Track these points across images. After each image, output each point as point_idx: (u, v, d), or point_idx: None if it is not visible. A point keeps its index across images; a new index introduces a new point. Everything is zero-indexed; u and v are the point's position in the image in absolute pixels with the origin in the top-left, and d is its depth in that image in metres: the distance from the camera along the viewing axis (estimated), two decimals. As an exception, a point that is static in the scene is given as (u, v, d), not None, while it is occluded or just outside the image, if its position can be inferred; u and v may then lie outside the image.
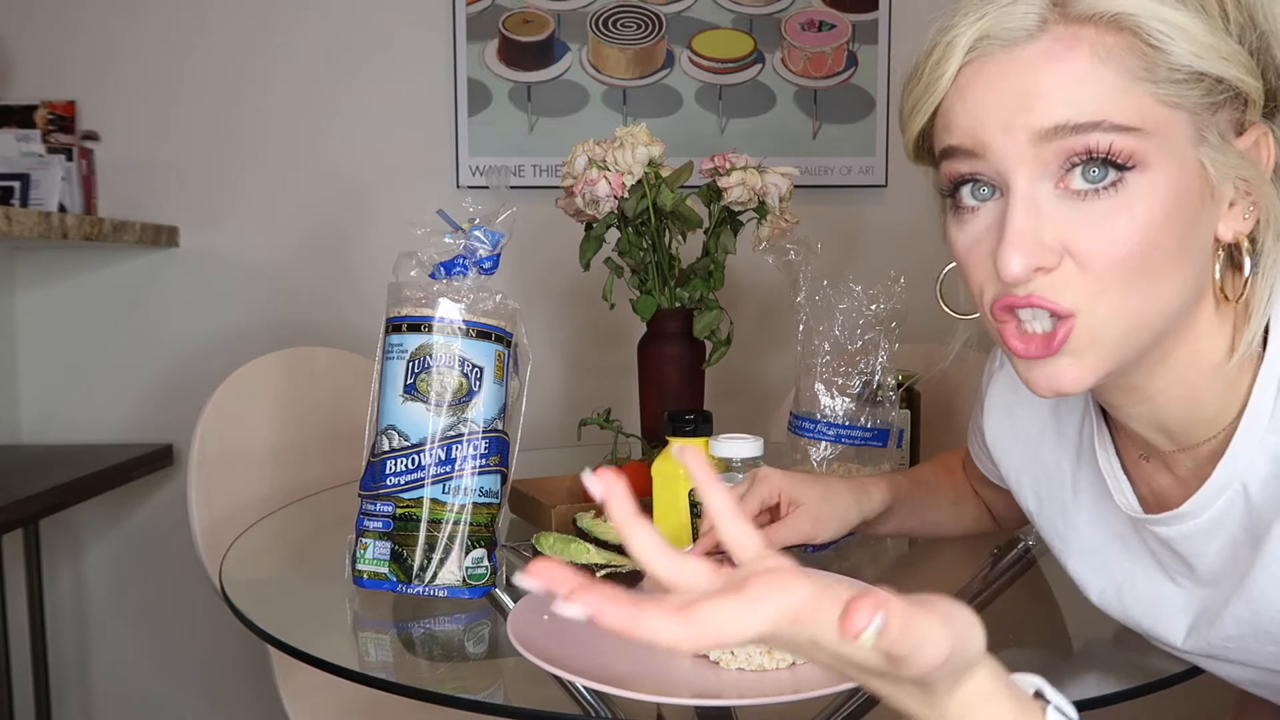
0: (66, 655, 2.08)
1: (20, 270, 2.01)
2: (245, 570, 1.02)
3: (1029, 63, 0.57)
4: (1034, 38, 0.58)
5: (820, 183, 1.99)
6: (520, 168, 1.99)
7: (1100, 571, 0.78)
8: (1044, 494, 0.82)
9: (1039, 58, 0.57)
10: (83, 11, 1.98)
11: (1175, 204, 0.57)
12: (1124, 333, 0.59)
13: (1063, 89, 0.57)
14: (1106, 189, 0.57)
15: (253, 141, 2.01)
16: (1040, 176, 0.58)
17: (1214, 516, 0.65)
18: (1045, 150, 0.57)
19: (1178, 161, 0.58)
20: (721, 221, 1.33)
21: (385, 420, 0.92)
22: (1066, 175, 0.58)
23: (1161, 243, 0.57)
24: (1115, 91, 0.56)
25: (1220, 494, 0.64)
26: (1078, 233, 0.58)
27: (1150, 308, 0.59)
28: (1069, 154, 0.57)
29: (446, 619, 0.89)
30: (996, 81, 0.59)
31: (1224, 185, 0.60)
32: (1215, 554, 0.67)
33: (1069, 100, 0.56)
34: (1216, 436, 0.65)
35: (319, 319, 2.02)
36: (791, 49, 1.98)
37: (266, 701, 1.38)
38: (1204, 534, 0.66)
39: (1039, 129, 0.57)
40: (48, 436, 2.03)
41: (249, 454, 1.44)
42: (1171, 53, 0.56)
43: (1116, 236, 0.57)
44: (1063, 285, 0.58)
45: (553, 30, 1.98)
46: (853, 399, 1.15)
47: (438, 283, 0.93)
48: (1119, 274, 0.57)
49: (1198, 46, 0.56)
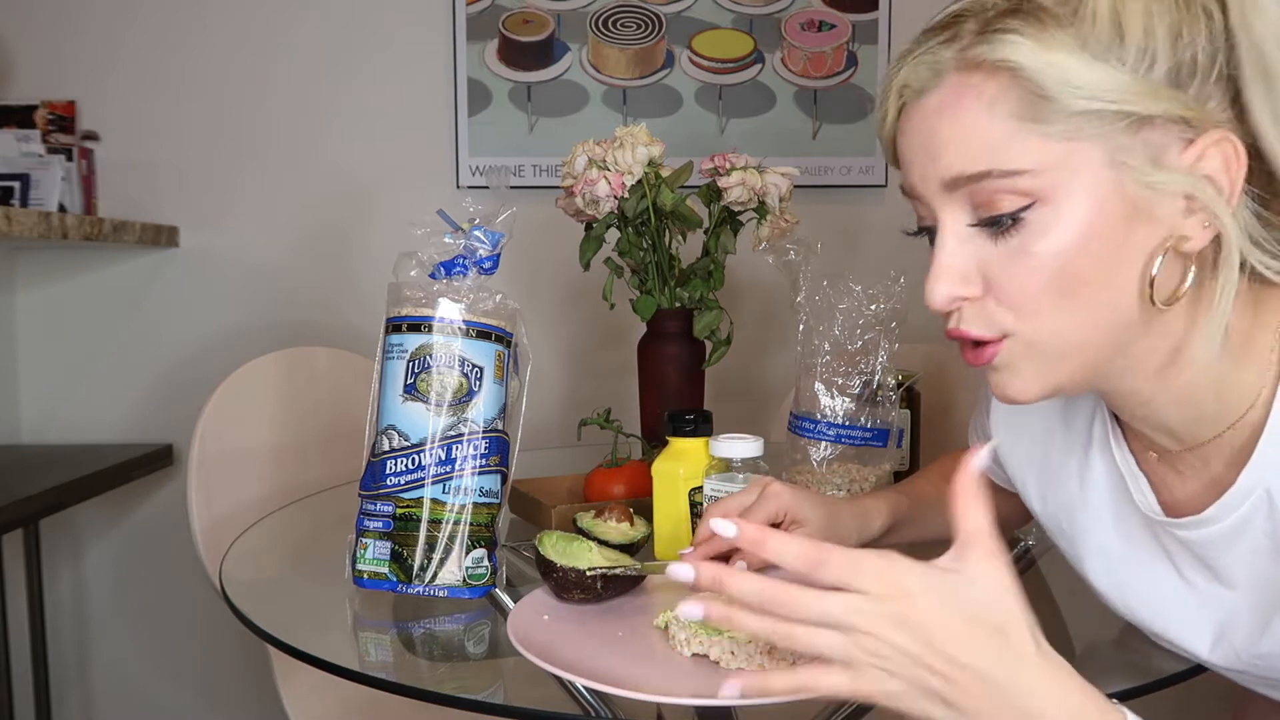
0: (66, 655, 2.08)
1: (20, 270, 2.01)
2: (245, 570, 1.02)
3: (932, 112, 0.62)
4: (935, 87, 0.61)
5: (820, 183, 1.99)
6: (520, 168, 1.99)
7: (1110, 570, 0.77)
8: (1050, 493, 0.82)
9: (938, 108, 0.61)
10: (83, 11, 1.98)
11: (1087, 230, 0.59)
12: (1060, 351, 0.62)
13: (954, 140, 0.60)
14: (1009, 229, 0.60)
15: (253, 141, 2.01)
16: (959, 215, 0.62)
17: (1236, 523, 0.65)
18: (955, 195, 0.62)
19: (1088, 188, 0.58)
20: (721, 221, 1.33)
21: (385, 420, 0.92)
22: (978, 216, 0.62)
23: (1076, 268, 0.59)
24: (1004, 139, 0.59)
25: (1244, 500, 0.64)
26: (992, 268, 0.62)
27: (1083, 326, 0.61)
28: (974, 199, 0.61)
29: (446, 619, 0.89)
30: (913, 133, 0.64)
31: (1160, 203, 0.59)
32: (1237, 558, 0.67)
33: (960, 151, 0.60)
34: (1223, 435, 0.65)
35: (319, 319, 2.02)
36: (791, 49, 1.98)
37: (266, 701, 1.38)
38: (1226, 539, 0.66)
39: (942, 179, 0.62)
40: (48, 436, 2.03)
41: (249, 454, 1.44)
42: (1059, 100, 0.57)
43: (1025, 270, 0.60)
44: (986, 315, 0.63)
45: (553, 30, 1.98)
46: (853, 399, 1.15)
47: (438, 283, 0.93)
48: (1034, 304, 0.61)
49: (1080, 88, 0.57)
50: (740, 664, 0.71)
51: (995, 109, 0.59)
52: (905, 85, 0.63)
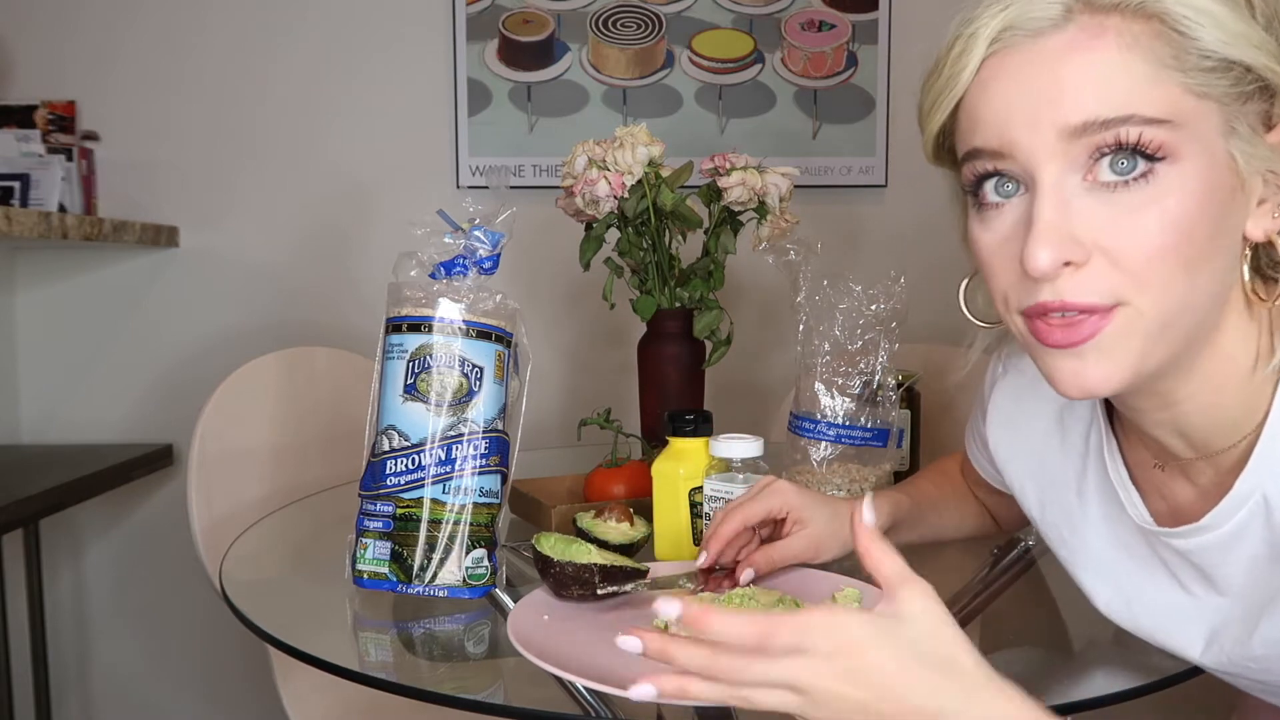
0: (66, 655, 2.08)
1: (20, 270, 2.01)
2: (245, 570, 1.02)
3: (1055, 54, 0.56)
4: (1059, 28, 0.57)
5: (820, 183, 1.99)
6: (520, 168, 1.99)
7: (1108, 581, 0.77)
8: (1048, 501, 0.81)
9: (1065, 49, 0.56)
10: (83, 11, 1.98)
11: (1206, 196, 0.56)
12: (1159, 329, 0.58)
13: (1091, 82, 0.55)
14: (1136, 180, 0.56)
15: (253, 141, 2.01)
16: (1068, 170, 0.57)
17: (1233, 529, 0.64)
18: (1074, 146, 0.56)
19: (1208, 153, 0.56)
20: (721, 221, 1.33)
21: (385, 420, 0.92)
22: (1094, 167, 0.56)
23: (1194, 235, 0.56)
24: (1144, 82, 0.55)
25: (1240, 506, 0.63)
26: (1108, 228, 0.56)
27: (1186, 303, 0.57)
28: (1098, 145, 0.56)
29: (446, 619, 0.89)
30: (1021, 74, 0.57)
31: (1253, 179, 0.58)
32: (1235, 565, 0.66)
33: (1097, 94, 0.55)
34: (1237, 445, 0.64)
35: (319, 319, 2.02)
36: (791, 49, 1.98)
37: (266, 702, 1.38)
38: (1223, 546, 0.65)
39: (1067, 125, 0.56)
40: (48, 436, 2.03)
41: (249, 454, 1.44)
42: (1200, 39, 0.55)
43: (1149, 230, 0.56)
44: (1094, 282, 0.57)
45: (553, 30, 1.98)
46: (853, 399, 1.15)
47: (438, 283, 0.93)
48: (1153, 268, 0.56)
49: (1226, 33, 0.55)
50: None
51: (1136, 51, 0.55)
52: (1008, 28, 0.58)
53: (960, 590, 0.96)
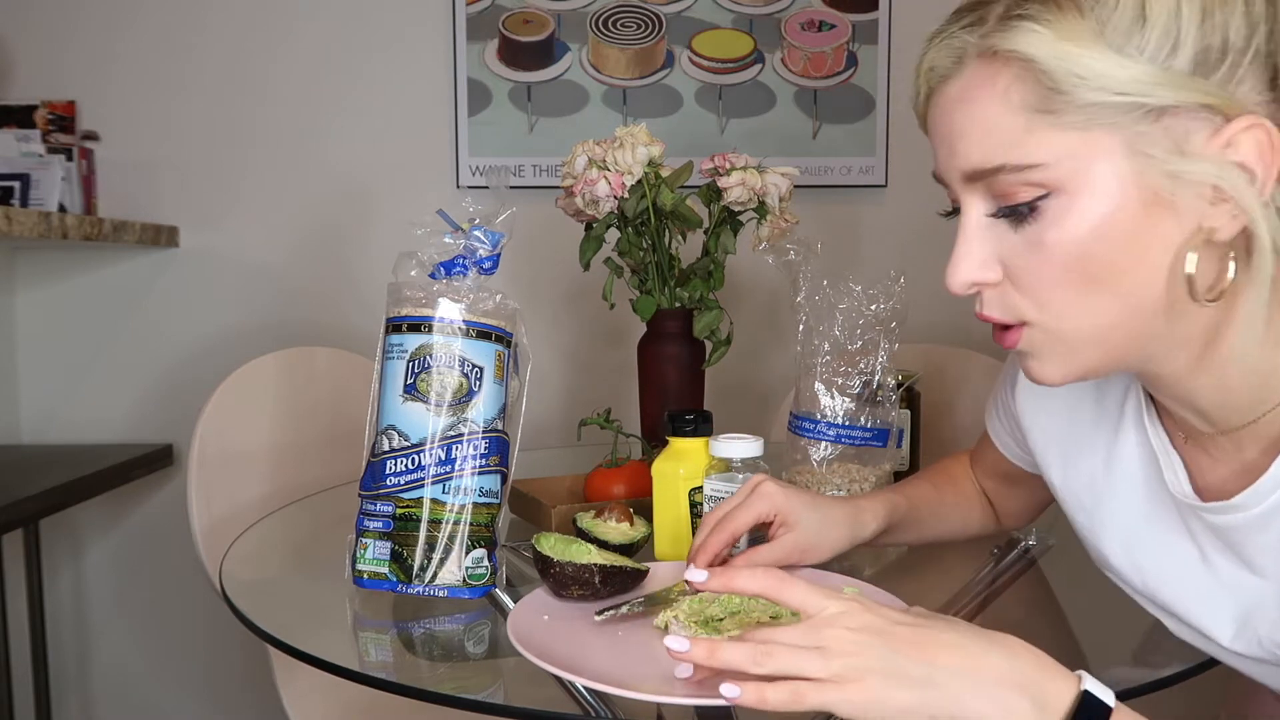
0: (66, 655, 2.08)
1: (20, 270, 2.01)
2: (245, 570, 1.02)
3: (951, 103, 0.62)
4: (957, 74, 0.62)
5: (820, 183, 1.99)
6: (520, 168, 1.99)
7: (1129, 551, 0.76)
8: (1071, 466, 0.81)
9: (957, 98, 0.62)
10: (83, 11, 1.98)
11: (1104, 220, 0.58)
12: (1080, 340, 0.63)
13: (972, 132, 0.61)
14: (1029, 218, 0.60)
15: (253, 141, 2.01)
16: (979, 204, 0.63)
17: (1266, 511, 0.64)
18: (974, 186, 0.63)
19: (1101, 179, 0.58)
20: (721, 221, 1.33)
21: (385, 420, 0.92)
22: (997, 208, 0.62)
23: (1095, 256, 0.59)
24: (1018, 133, 0.59)
25: (1276, 488, 0.63)
26: (1011, 257, 0.62)
27: (1103, 316, 0.61)
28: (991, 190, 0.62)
29: (446, 619, 0.89)
30: (936, 121, 0.65)
31: (1183, 193, 0.57)
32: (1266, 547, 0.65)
33: (978, 145, 0.61)
34: (1257, 421, 0.64)
35: (319, 319, 2.02)
36: (791, 49, 1.98)
37: (266, 702, 1.38)
38: (1256, 526, 0.65)
39: (961, 171, 0.63)
40: (48, 436, 2.03)
41: (249, 454, 1.44)
42: (1069, 93, 0.57)
43: (1042, 260, 0.61)
44: (1006, 301, 0.64)
45: (553, 30, 1.98)
46: (853, 399, 1.15)
47: (438, 283, 0.93)
48: (1051, 294, 0.61)
49: (1099, 83, 0.56)
50: None
51: (1009, 100, 0.59)
52: (931, 69, 0.64)
53: (960, 590, 0.96)
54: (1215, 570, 0.70)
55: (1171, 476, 0.71)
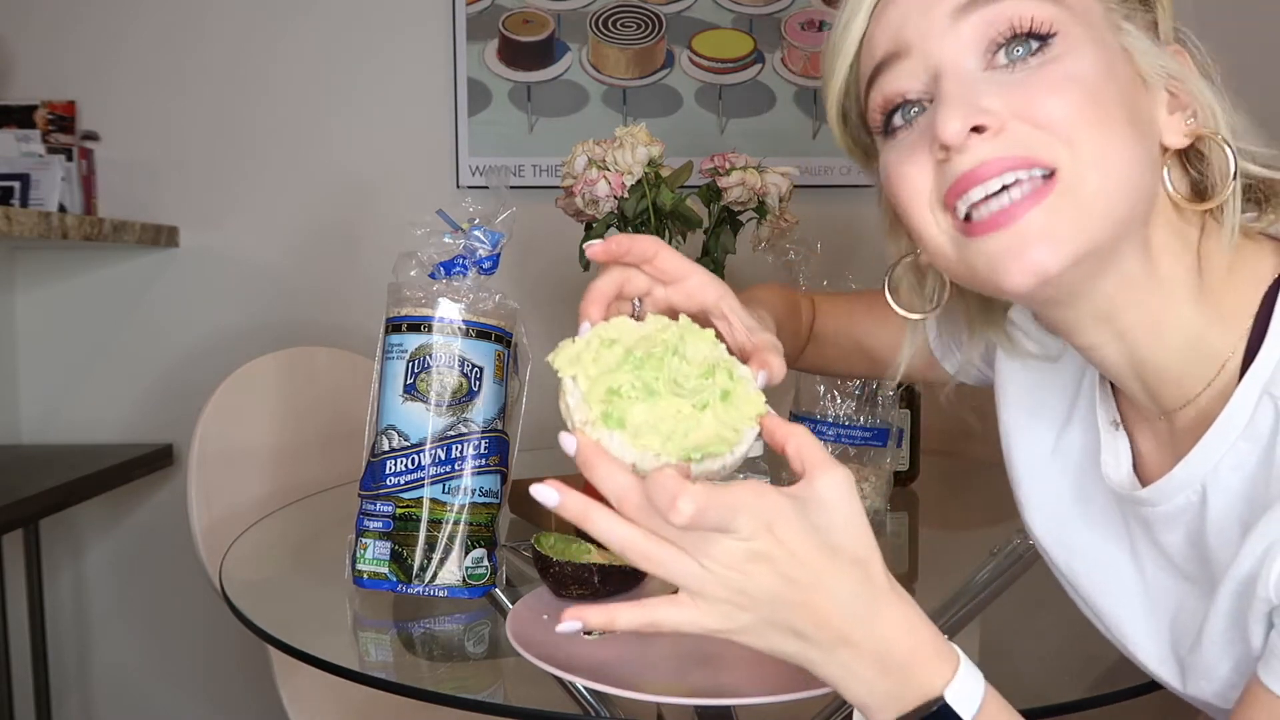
0: (66, 655, 2.08)
1: (20, 270, 2.01)
2: (245, 570, 1.02)
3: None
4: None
5: (820, 183, 1.99)
6: (520, 168, 1.99)
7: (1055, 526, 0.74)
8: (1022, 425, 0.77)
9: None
10: (83, 11, 1.98)
11: (1106, 69, 0.56)
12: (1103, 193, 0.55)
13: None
14: (1035, 54, 0.56)
15: (253, 141, 2.01)
16: (965, 53, 0.57)
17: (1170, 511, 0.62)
18: (965, 26, 0.57)
19: (1099, 39, 0.57)
20: (721, 221, 1.33)
21: (385, 420, 0.92)
22: (992, 57, 0.57)
23: (1101, 98, 0.55)
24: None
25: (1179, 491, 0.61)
26: (1015, 94, 0.55)
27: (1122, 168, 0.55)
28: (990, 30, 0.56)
29: (446, 619, 0.89)
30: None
31: (1156, 82, 0.58)
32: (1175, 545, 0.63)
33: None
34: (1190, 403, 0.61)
35: (319, 319, 2.02)
36: (791, 49, 1.98)
37: (266, 702, 1.38)
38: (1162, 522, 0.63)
39: (956, 5, 0.57)
40: (48, 436, 2.03)
41: (249, 454, 1.44)
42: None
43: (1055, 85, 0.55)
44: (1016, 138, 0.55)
45: (553, 30, 1.98)
46: (853, 399, 1.15)
47: (438, 283, 0.93)
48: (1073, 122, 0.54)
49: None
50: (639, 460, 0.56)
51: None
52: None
53: (960, 590, 0.96)
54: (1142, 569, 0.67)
55: (1110, 459, 0.68)
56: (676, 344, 0.57)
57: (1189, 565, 0.63)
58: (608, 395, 0.55)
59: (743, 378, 0.58)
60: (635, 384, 0.55)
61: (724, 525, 0.50)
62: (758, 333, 0.66)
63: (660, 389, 0.55)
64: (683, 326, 0.59)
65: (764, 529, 0.51)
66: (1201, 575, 0.62)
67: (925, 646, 0.54)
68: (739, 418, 0.56)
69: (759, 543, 0.51)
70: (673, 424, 0.54)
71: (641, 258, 0.69)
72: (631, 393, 0.55)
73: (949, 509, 1.41)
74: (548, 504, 0.53)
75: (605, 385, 0.55)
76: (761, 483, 0.52)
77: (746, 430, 0.56)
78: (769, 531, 0.51)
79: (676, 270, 0.69)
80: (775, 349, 0.65)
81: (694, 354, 0.57)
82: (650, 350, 0.57)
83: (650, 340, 0.58)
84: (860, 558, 0.53)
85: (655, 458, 0.54)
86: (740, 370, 0.58)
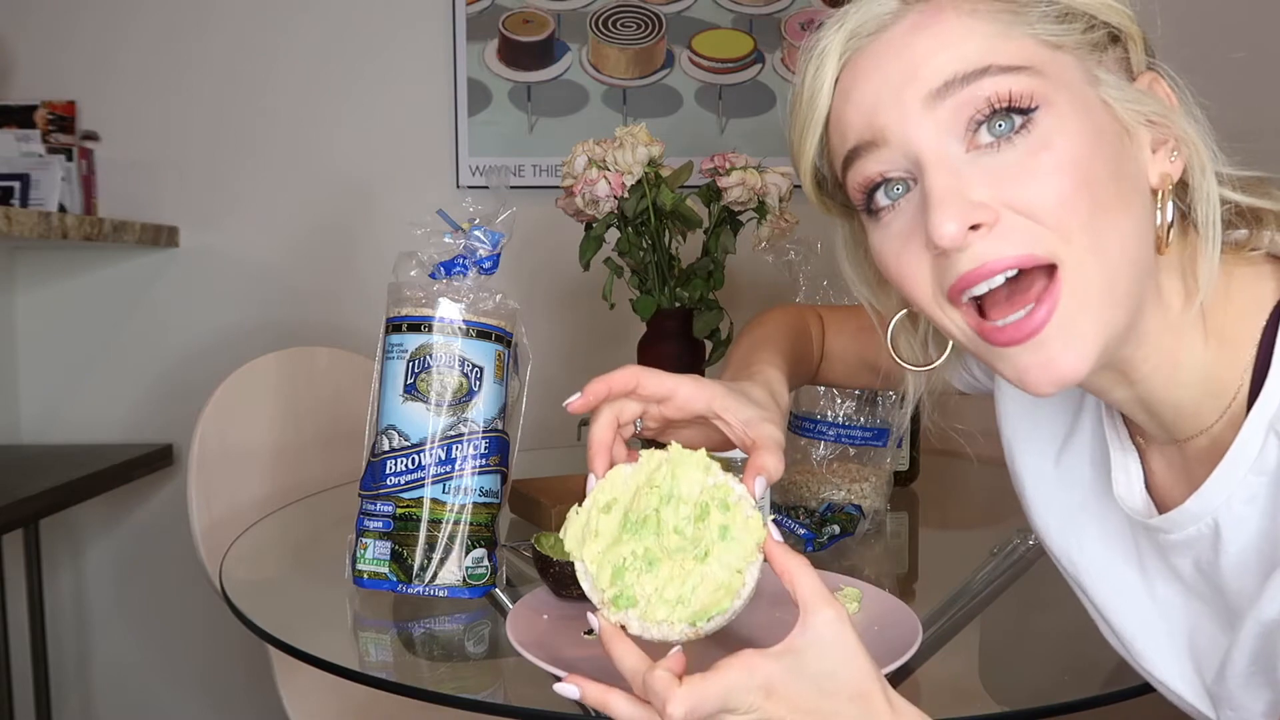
0: (66, 655, 2.08)
1: (20, 270, 2.01)
2: (245, 570, 1.02)
3: (900, 38, 0.56)
4: (898, 18, 0.57)
5: (820, 183, 1.99)
6: (520, 168, 1.99)
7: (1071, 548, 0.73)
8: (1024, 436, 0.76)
9: (908, 31, 0.56)
10: (83, 11, 1.98)
11: (1094, 137, 0.54)
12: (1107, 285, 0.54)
13: (941, 48, 0.55)
14: (1018, 133, 0.54)
15: (253, 141, 2.01)
16: (945, 137, 0.55)
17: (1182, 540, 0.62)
18: (942, 111, 0.55)
19: (1080, 99, 0.55)
20: (721, 221, 1.33)
21: (385, 420, 0.92)
22: (973, 137, 0.55)
23: (1094, 176, 0.53)
24: (995, 37, 0.55)
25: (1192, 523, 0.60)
26: (1005, 181, 0.54)
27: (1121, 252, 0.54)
28: (968, 111, 0.54)
29: (446, 619, 0.89)
30: (875, 67, 0.57)
31: (1137, 127, 0.57)
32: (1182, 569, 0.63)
33: (950, 56, 0.55)
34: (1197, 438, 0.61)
35: (319, 319, 2.02)
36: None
37: (266, 701, 1.38)
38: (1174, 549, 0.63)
39: (929, 90, 0.55)
40: (48, 436, 2.03)
41: (249, 454, 1.44)
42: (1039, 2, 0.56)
43: (1046, 172, 0.53)
44: (1012, 236, 0.54)
45: (553, 30, 1.98)
46: (853, 399, 1.15)
47: (438, 283, 0.93)
48: (1067, 213, 0.53)
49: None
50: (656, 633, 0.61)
51: (978, 16, 0.55)
52: (853, 36, 0.58)
53: (960, 590, 0.96)
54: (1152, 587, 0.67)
55: (1121, 477, 0.67)
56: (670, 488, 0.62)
57: (1199, 586, 0.63)
58: (614, 577, 0.61)
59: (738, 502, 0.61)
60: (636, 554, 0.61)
61: (724, 708, 0.55)
62: (755, 426, 0.68)
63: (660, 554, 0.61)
64: (673, 459, 0.63)
65: (762, 697, 0.55)
66: (1214, 599, 0.62)
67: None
68: (740, 555, 0.60)
69: (762, 712, 0.55)
70: (678, 589, 0.60)
71: (624, 391, 0.70)
72: (635, 564, 0.61)
73: (949, 509, 1.41)
74: (570, 697, 0.59)
75: (610, 566, 0.61)
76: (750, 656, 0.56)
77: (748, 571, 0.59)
78: (768, 698, 0.55)
79: (662, 390, 0.70)
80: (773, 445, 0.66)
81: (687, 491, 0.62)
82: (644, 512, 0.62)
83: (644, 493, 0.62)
84: (860, 692, 0.56)
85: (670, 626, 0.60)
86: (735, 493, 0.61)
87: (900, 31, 0.57)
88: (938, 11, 0.56)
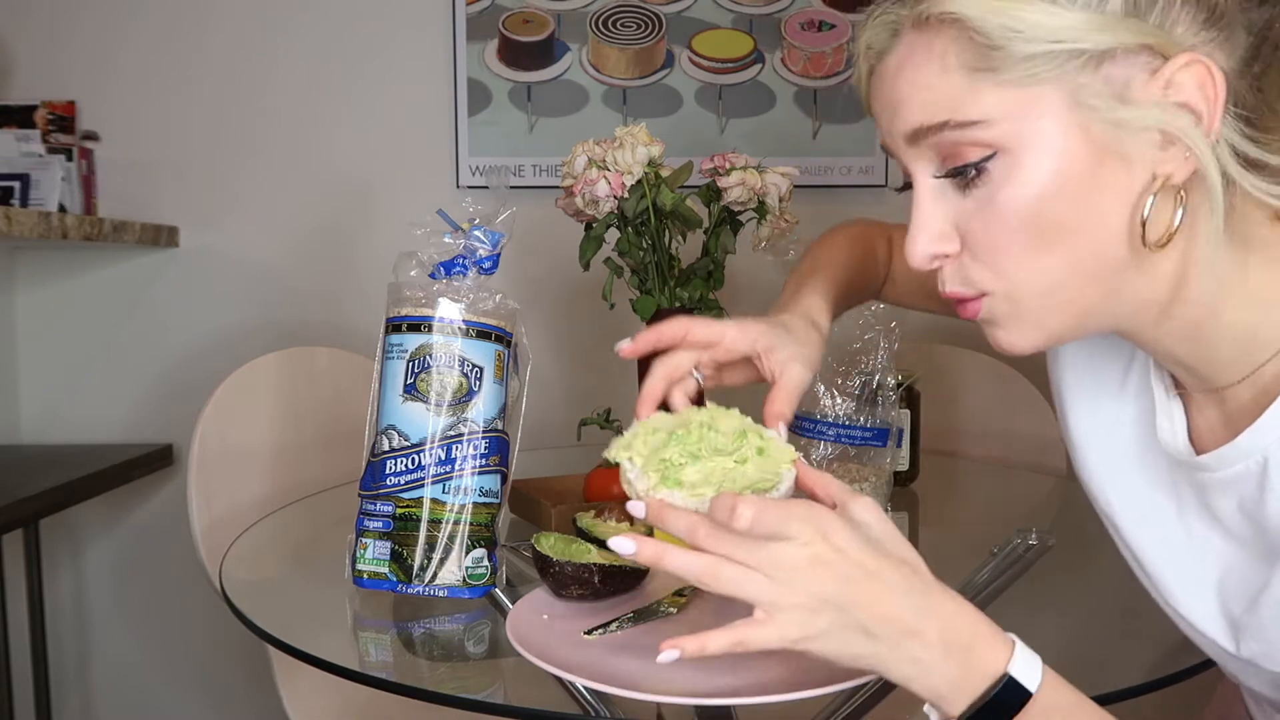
0: (66, 655, 2.08)
1: (20, 270, 2.01)
2: (245, 570, 1.02)
3: (892, 72, 0.62)
4: (894, 47, 0.63)
5: (820, 183, 1.99)
6: (520, 168, 1.99)
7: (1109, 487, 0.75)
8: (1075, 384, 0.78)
9: (897, 66, 0.62)
10: (83, 11, 1.98)
11: (1054, 177, 0.57)
12: (1041, 303, 0.61)
13: (914, 93, 0.61)
14: (975, 180, 0.60)
15: (253, 141, 2.01)
16: (928, 169, 0.62)
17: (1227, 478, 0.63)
18: (920, 148, 0.62)
19: (1046, 136, 0.57)
20: (721, 221, 1.33)
21: (385, 420, 0.92)
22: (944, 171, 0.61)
23: (1047, 216, 0.58)
24: (959, 90, 0.58)
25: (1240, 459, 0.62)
26: (963, 221, 0.62)
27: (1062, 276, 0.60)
28: (940, 151, 0.61)
29: (446, 619, 0.89)
30: (879, 92, 0.64)
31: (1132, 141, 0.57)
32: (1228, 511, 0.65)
33: (919, 104, 0.60)
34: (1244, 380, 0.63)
35: (319, 319, 2.02)
36: (791, 49, 1.98)
37: (266, 701, 1.38)
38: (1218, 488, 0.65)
39: (905, 133, 0.62)
40: (48, 436, 2.03)
41: (249, 454, 1.44)
42: (1006, 47, 0.56)
43: (994, 222, 0.60)
44: (964, 272, 0.63)
45: (553, 30, 1.98)
46: (853, 399, 1.15)
47: (438, 283, 0.93)
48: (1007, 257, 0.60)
49: (1035, 34, 0.56)
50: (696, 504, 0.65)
51: (947, 62, 0.59)
52: (869, 47, 0.65)
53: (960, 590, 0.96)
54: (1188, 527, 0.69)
55: (1165, 423, 0.70)
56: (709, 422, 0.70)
57: (1240, 529, 0.65)
58: (661, 465, 0.66)
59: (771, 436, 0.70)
60: (682, 453, 0.67)
61: (781, 530, 0.57)
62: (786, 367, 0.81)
63: (703, 453, 0.67)
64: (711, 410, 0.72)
65: (819, 536, 0.57)
66: (1254, 539, 0.64)
67: (983, 627, 0.58)
68: (775, 465, 0.68)
69: (817, 547, 0.57)
70: (721, 476, 0.66)
71: (673, 341, 0.80)
72: (680, 459, 0.66)
73: (949, 509, 1.41)
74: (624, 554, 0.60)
75: (658, 458, 0.67)
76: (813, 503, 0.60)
77: (785, 472, 0.67)
78: (824, 539, 0.57)
79: (710, 335, 0.81)
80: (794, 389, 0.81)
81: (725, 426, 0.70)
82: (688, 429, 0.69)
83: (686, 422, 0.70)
84: (907, 559, 0.60)
85: None
86: (768, 432, 0.71)
87: (893, 64, 0.62)
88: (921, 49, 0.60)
